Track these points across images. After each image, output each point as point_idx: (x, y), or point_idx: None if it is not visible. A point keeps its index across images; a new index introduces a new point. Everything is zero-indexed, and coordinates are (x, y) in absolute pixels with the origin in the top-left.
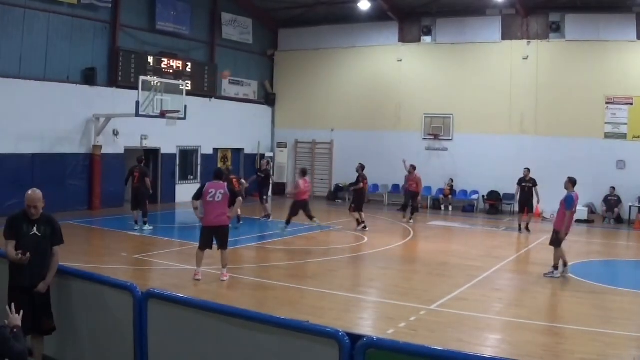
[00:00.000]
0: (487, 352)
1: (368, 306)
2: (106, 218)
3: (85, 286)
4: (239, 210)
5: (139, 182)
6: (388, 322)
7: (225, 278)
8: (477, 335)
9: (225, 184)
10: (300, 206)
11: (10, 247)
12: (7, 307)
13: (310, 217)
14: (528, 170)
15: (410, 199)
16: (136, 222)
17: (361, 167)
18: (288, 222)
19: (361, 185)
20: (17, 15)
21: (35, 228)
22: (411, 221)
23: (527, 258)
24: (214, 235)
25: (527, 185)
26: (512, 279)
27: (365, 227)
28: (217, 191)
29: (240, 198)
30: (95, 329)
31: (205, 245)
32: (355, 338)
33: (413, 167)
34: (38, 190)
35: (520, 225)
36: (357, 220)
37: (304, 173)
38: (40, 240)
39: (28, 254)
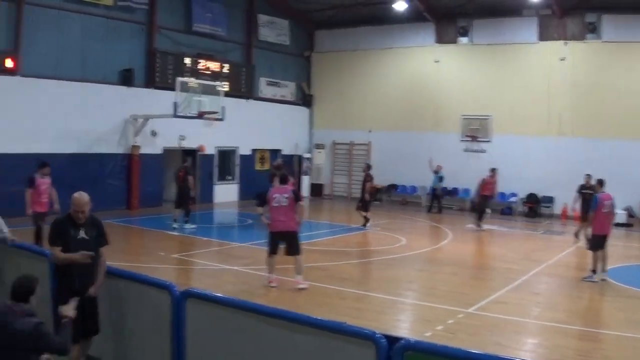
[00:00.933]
0: (524, 356)
1: (406, 308)
2: (144, 217)
3: (124, 285)
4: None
5: (183, 181)
6: (426, 325)
7: (301, 286)
8: (514, 339)
9: (291, 188)
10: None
11: (58, 252)
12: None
13: None
14: (589, 176)
15: (481, 203)
16: (175, 221)
17: (367, 167)
18: None
19: (370, 184)
20: (51, 17)
21: (82, 231)
22: (482, 227)
23: (565, 262)
24: (281, 241)
25: (588, 193)
26: (550, 283)
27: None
28: (282, 196)
29: (301, 202)
30: (134, 328)
31: (272, 250)
32: (392, 340)
33: (493, 171)
34: (85, 194)
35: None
36: (365, 217)
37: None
38: (88, 243)
39: (90, 253)
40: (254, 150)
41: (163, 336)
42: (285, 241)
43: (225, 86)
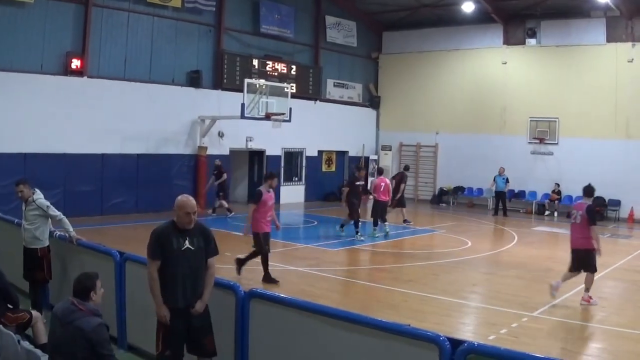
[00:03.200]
0: None
1: (470, 311)
2: (212, 218)
3: None
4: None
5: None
6: (489, 328)
7: (584, 302)
8: (578, 343)
9: (586, 204)
10: None
11: (153, 269)
12: None
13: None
14: None
15: None
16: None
17: (405, 168)
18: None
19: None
20: (121, 19)
21: (187, 241)
22: None
23: (631, 266)
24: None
25: None
26: (615, 287)
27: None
28: (577, 212)
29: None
30: None
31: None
32: (456, 343)
33: None
34: (191, 196)
35: None
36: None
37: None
38: (194, 254)
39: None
40: (321, 152)
41: (227, 335)
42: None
43: (292, 88)
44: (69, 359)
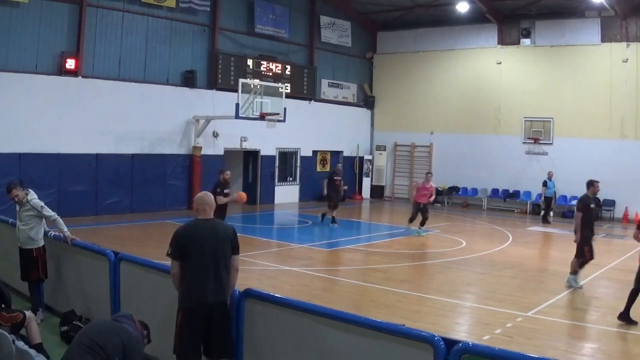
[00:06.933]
0: None
1: (464, 311)
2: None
3: None
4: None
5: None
6: (484, 328)
7: None
8: (572, 343)
9: None
10: None
11: None
12: None
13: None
14: None
15: None
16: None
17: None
18: None
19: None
20: (116, 19)
21: None
22: None
23: (626, 266)
24: None
25: None
26: (609, 287)
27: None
28: None
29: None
30: None
31: None
32: (450, 343)
33: None
34: None
35: None
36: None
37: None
38: None
39: None
40: (315, 152)
41: None
42: None
43: (287, 88)
44: (102, 339)
